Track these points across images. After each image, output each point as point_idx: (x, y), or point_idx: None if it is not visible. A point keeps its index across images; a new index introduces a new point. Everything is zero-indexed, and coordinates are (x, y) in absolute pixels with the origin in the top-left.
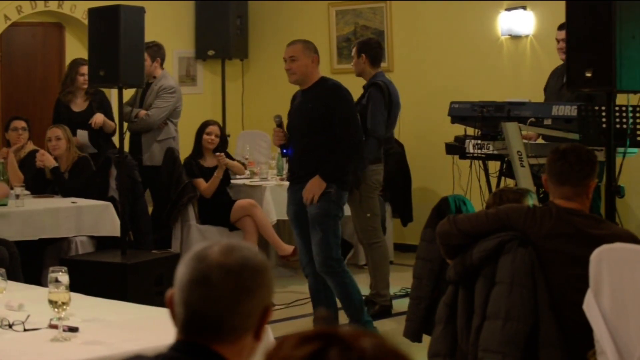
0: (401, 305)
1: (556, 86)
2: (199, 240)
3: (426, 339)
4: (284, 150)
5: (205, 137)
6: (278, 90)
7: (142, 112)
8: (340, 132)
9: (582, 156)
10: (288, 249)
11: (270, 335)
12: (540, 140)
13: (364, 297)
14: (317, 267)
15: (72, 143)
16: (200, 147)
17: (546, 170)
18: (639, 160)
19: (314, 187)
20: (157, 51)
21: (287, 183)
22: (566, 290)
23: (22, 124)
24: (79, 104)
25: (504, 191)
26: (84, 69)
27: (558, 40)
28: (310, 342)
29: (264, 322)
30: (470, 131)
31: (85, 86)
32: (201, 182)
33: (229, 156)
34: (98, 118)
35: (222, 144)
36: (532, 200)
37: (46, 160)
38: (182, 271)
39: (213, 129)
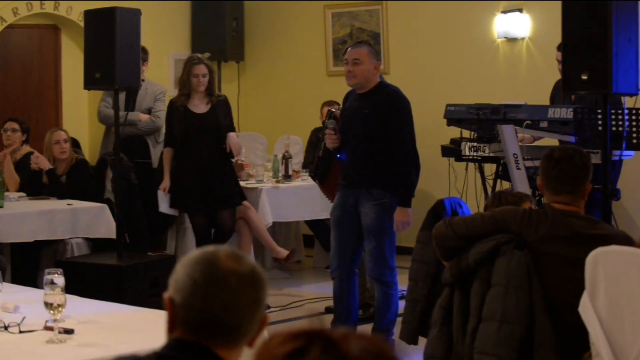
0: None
1: (566, 99)
2: (194, 243)
3: (422, 341)
4: (338, 155)
5: None
6: (274, 92)
7: (145, 116)
8: (396, 143)
9: (577, 162)
10: (282, 252)
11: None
12: (538, 143)
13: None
14: (368, 272)
15: (71, 145)
16: None
17: (540, 175)
18: (635, 163)
19: (404, 218)
20: (144, 54)
21: (282, 185)
22: (562, 293)
23: (13, 125)
24: (198, 106)
25: (504, 193)
26: (199, 69)
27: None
28: (295, 339)
29: (262, 330)
30: (466, 133)
31: (202, 88)
32: None
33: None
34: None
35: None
36: (532, 206)
37: (41, 162)
38: (189, 274)
39: None
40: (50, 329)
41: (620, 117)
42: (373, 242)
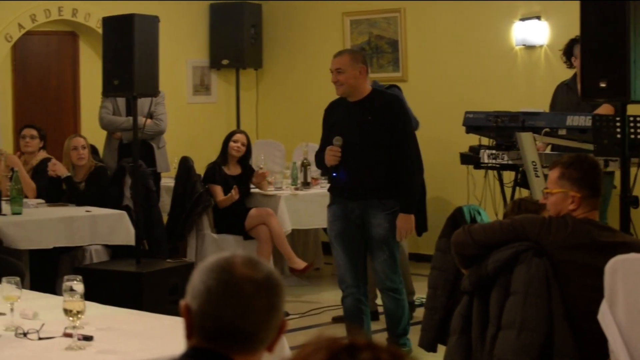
0: (416, 315)
1: (571, 100)
2: (214, 249)
3: (441, 349)
4: (334, 174)
5: (231, 144)
6: (292, 99)
7: (148, 120)
8: (401, 150)
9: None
10: (300, 263)
11: (285, 345)
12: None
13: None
14: (380, 284)
15: (90, 151)
16: (225, 155)
17: (578, 186)
18: None
19: (407, 225)
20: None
21: (301, 192)
22: (581, 301)
23: (31, 132)
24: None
25: (524, 201)
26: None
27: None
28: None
29: (280, 335)
30: (485, 141)
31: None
32: (219, 191)
33: (249, 167)
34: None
35: (247, 154)
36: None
37: (58, 169)
38: (204, 282)
39: (240, 137)
40: (69, 335)
41: (639, 124)
42: (386, 252)
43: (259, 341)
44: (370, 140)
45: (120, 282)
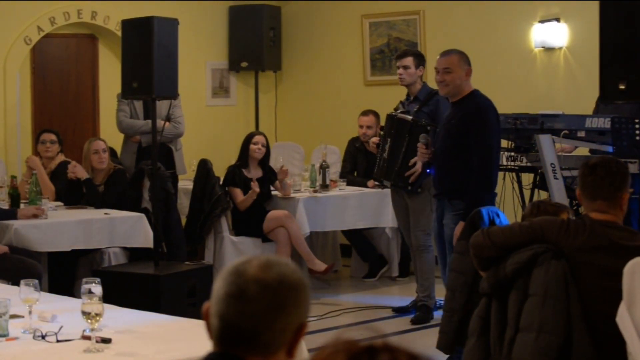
0: (435, 317)
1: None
2: (232, 252)
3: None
4: (428, 170)
5: (252, 147)
6: (311, 101)
7: (167, 123)
8: (476, 158)
9: (612, 168)
10: (320, 265)
11: (304, 348)
12: (575, 153)
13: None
14: None
15: (109, 155)
16: (246, 157)
17: (578, 184)
18: None
19: None
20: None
21: (320, 195)
22: (599, 303)
23: (51, 136)
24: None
25: (543, 203)
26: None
27: None
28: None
29: (298, 339)
30: (504, 143)
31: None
32: (239, 193)
33: (269, 169)
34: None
35: (267, 155)
36: (570, 216)
37: (78, 172)
38: (219, 285)
39: (260, 138)
40: (88, 338)
41: None
42: (450, 254)
43: (264, 343)
44: (449, 142)
45: (139, 285)
